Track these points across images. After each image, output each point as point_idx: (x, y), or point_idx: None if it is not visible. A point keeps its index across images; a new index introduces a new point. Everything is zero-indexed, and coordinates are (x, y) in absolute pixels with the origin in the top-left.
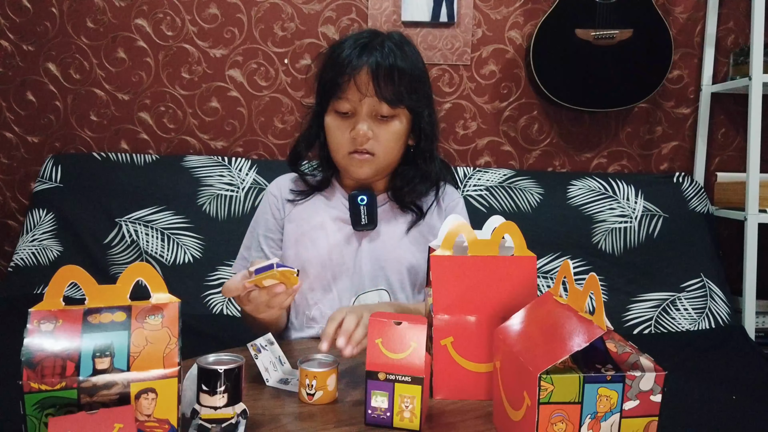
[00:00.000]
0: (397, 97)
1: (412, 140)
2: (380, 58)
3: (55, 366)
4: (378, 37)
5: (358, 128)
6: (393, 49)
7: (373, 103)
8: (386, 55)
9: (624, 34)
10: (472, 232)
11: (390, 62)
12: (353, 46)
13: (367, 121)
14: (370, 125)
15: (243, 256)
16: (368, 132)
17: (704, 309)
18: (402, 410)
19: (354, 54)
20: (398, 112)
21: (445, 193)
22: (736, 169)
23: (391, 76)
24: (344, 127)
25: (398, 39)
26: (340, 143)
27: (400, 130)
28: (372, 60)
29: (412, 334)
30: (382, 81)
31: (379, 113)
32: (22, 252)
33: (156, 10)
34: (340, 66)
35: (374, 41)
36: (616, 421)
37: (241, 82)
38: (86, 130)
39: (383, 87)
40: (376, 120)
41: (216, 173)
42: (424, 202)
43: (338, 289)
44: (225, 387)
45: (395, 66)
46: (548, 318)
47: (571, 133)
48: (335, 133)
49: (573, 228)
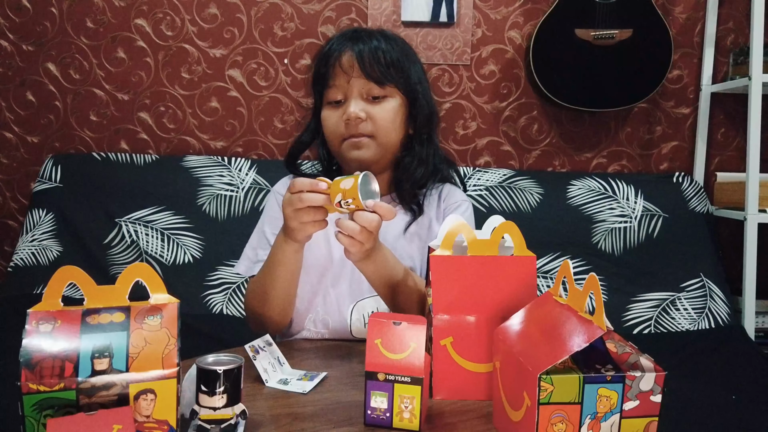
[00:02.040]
0: (384, 75)
1: (411, 128)
2: (363, 43)
3: (53, 367)
4: (363, 30)
5: (348, 110)
6: (377, 36)
7: (361, 84)
8: (369, 41)
9: (624, 34)
10: (472, 232)
11: (374, 45)
12: (337, 39)
13: (360, 103)
14: (363, 107)
15: (248, 256)
16: (360, 113)
17: (704, 309)
18: (401, 411)
19: (337, 42)
20: (390, 91)
21: (448, 194)
22: (736, 169)
23: (376, 56)
24: (337, 115)
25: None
26: (335, 132)
27: (395, 107)
28: (356, 46)
29: (412, 335)
30: (366, 60)
31: (371, 94)
32: (22, 252)
33: (156, 10)
34: (326, 56)
35: (359, 32)
36: (616, 421)
37: (240, 82)
38: (86, 130)
39: (368, 66)
40: (368, 101)
41: (216, 173)
42: (424, 199)
43: (337, 293)
44: (224, 387)
45: (379, 47)
46: (548, 318)
47: (571, 133)
48: (329, 123)
49: (573, 228)
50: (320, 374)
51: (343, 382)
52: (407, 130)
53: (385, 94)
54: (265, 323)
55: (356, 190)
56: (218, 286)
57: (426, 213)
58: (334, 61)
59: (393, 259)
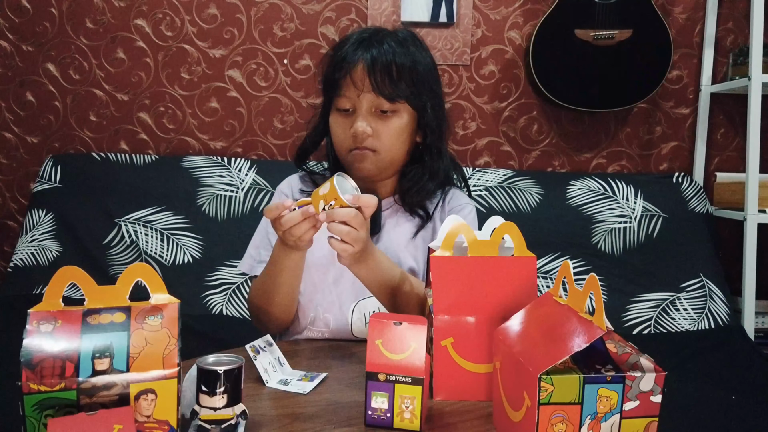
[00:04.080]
0: (395, 92)
1: (419, 137)
2: (376, 53)
3: (54, 367)
4: (379, 34)
5: (356, 126)
6: (393, 45)
7: (371, 98)
8: (384, 51)
9: (623, 34)
10: (472, 233)
11: (387, 58)
12: (352, 44)
13: (367, 118)
14: (370, 122)
15: (251, 255)
16: (367, 129)
17: (704, 309)
18: (402, 411)
19: (350, 50)
20: (399, 107)
21: (452, 198)
22: (736, 169)
23: (388, 70)
24: (346, 124)
25: (403, 36)
26: (342, 141)
27: (401, 125)
28: (368, 56)
29: (412, 335)
30: (378, 76)
31: (379, 108)
32: (22, 252)
33: (155, 10)
34: (338, 63)
35: (374, 38)
36: (616, 421)
37: (240, 83)
38: (86, 130)
39: (380, 82)
40: (377, 116)
41: (215, 173)
42: (430, 205)
43: (338, 292)
44: (224, 388)
45: (393, 61)
46: (548, 318)
47: (571, 133)
48: (337, 131)
49: (572, 228)
50: (320, 375)
51: (343, 383)
52: (415, 139)
53: (395, 110)
54: (270, 321)
55: (335, 190)
56: (218, 287)
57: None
58: (345, 73)
59: (388, 263)
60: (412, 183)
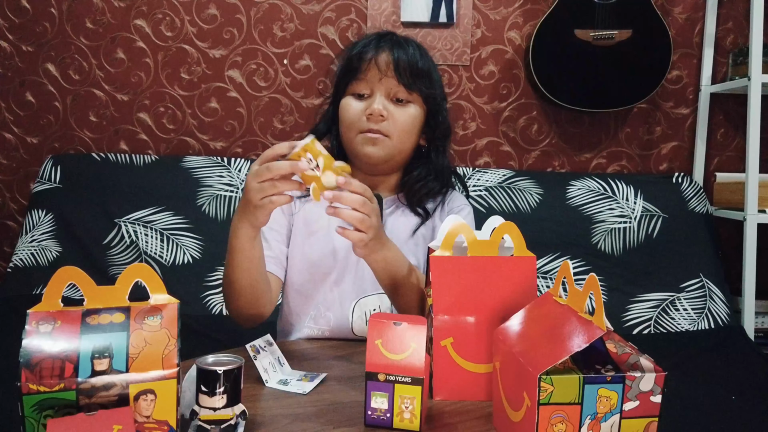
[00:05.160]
0: (414, 82)
1: (423, 140)
2: (401, 49)
3: (53, 367)
4: (401, 37)
5: (374, 106)
6: (415, 48)
7: (391, 84)
8: (407, 50)
9: (623, 34)
10: (472, 233)
11: (411, 53)
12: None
13: (384, 101)
14: (387, 106)
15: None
16: (384, 110)
17: (703, 309)
18: (402, 411)
19: (374, 42)
20: (414, 98)
21: (451, 199)
22: (735, 169)
23: (412, 62)
24: (360, 106)
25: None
26: (353, 122)
27: (415, 115)
28: (395, 49)
29: (412, 335)
30: (402, 65)
31: (396, 96)
32: (21, 253)
33: (155, 10)
34: (364, 48)
35: (397, 37)
36: (616, 421)
37: (240, 83)
38: (85, 130)
39: (402, 70)
40: (393, 103)
41: (215, 174)
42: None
43: (340, 290)
44: (224, 388)
45: (415, 57)
46: (548, 318)
47: (571, 133)
48: (349, 112)
49: (572, 228)
50: (320, 375)
51: (343, 383)
52: (419, 140)
53: (410, 100)
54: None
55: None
56: (218, 287)
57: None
58: (371, 57)
59: (400, 254)
60: (418, 180)
